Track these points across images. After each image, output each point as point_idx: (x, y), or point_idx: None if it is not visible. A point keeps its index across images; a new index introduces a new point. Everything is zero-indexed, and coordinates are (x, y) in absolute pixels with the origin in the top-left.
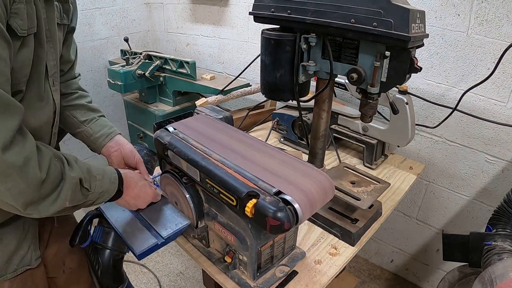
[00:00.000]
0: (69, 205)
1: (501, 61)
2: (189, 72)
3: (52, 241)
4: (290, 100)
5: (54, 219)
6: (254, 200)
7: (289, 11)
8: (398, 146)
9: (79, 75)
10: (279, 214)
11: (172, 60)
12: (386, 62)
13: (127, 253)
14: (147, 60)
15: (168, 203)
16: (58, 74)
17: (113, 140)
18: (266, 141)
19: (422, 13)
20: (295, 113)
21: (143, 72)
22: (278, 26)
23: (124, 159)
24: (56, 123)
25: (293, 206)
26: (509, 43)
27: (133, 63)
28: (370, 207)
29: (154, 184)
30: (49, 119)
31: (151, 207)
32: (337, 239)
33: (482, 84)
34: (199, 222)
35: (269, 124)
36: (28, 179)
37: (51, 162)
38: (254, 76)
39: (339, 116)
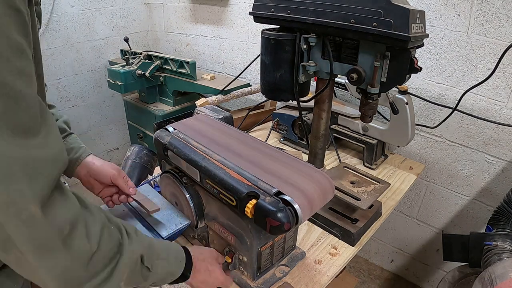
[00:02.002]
0: (124, 287)
1: (501, 61)
2: (189, 72)
3: None
4: (290, 100)
5: None
6: (254, 201)
7: (289, 11)
8: (398, 146)
9: (46, 85)
10: (279, 215)
11: (172, 60)
12: (386, 62)
13: None
14: (147, 60)
15: (168, 203)
16: (42, 76)
17: (82, 164)
18: (266, 141)
19: (422, 13)
20: (295, 113)
21: (143, 72)
22: (278, 26)
23: (97, 180)
24: None
25: (293, 207)
26: (509, 43)
27: (133, 63)
28: (370, 207)
29: (154, 184)
30: None
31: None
32: (337, 239)
33: (482, 84)
34: (199, 222)
35: (269, 124)
36: (75, 253)
37: (104, 229)
38: (254, 76)
39: (339, 116)
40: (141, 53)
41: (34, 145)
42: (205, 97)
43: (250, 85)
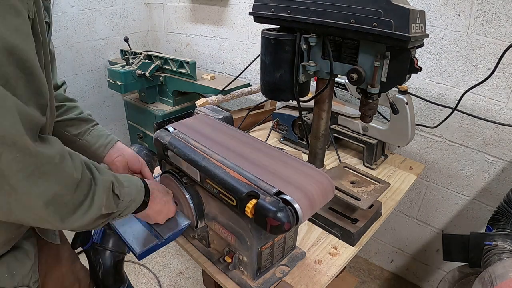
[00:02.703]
0: (105, 211)
1: (501, 61)
2: (189, 72)
3: (50, 268)
4: (290, 100)
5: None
6: (254, 200)
7: (289, 11)
8: (398, 146)
9: (64, 83)
10: (279, 214)
11: (172, 60)
12: (386, 62)
13: (127, 254)
14: (147, 60)
15: None
16: (50, 75)
17: (114, 148)
18: (266, 141)
19: (422, 13)
20: (295, 113)
21: (143, 72)
22: (278, 26)
23: (128, 164)
24: (50, 132)
25: (293, 206)
26: (509, 43)
27: (133, 63)
28: (370, 207)
29: None
30: (46, 126)
31: None
32: (337, 239)
33: (482, 84)
34: (199, 222)
35: (269, 124)
36: (64, 179)
37: (82, 164)
38: (254, 76)
39: (339, 116)
40: (141, 53)
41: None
42: (205, 97)
43: (250, 85)
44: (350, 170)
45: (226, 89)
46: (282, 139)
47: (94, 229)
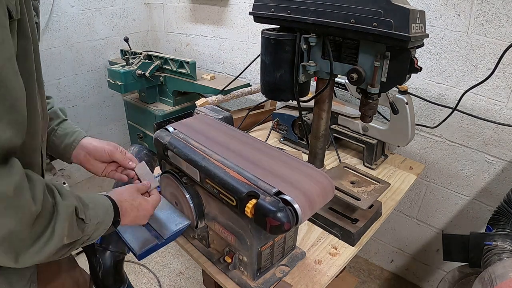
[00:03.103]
0: (67, 241)
1: (501, 61)
2: (189, 72)
3: (50, 277)
4: (290, 100)
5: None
6: (254, 201)
7: (289, 11)
8: (398, 146)
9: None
10: (279, 214)
11: (172, 60)
12: (386, 62)
13: (127, 254)
14: (147, 60)
15: (168, 203)
16: (41, 77)
17: (78, 147)
18: (266, 141)
19: (422, 13)
20: (295, 113)
21: (143, 72)
22: (278, 26)
23: (96, 159)
24: (44, 135)
25: (293, 206)
26: (509, 43)
27: (133, 63)
28: (370, 207)
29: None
30: (35, 131)
31: None
32: (337, 239)
33: (482, 84)
34: (199, 222)
35: (269, 124)
36: (20, 215)
37: (44, 191)
38: (254, 76)
39: (339, 116)
40: (141, 53)
41: None
42: (205, 97)
43: (250, 85)
44: (350, 170)
45: (226, 89)
46: (282, 139)
47: (51, 259)
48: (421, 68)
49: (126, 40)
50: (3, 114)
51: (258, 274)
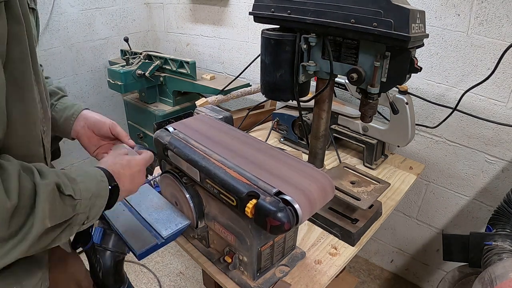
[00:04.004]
0: (50, 223)
1: (501, 61)
2: (189, 72)
3: (58, 276)
4: (290, 100)
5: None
6: (254, 201)
7: (289, 11)
8: (398, 146)
9: (41, 65)
10: (279, 215)
11: (172, 60)
12: (386, 62)
13: (127, 254)
14: (147, 60)
15: (168, 203)
16: (37, 62)
17: (78, 118)
18: (266, 141)
19: (422, 13)
20: (295, 113)
21: (143, 72)
22: (278, 26)
23: (94, 132)
24: (45, 125)
25: (293, 206)
26: (509, 43)
27: (133, 63)
28: (370, 207)
29: (154, 184)
30: (33, 121)
31: (151, 206)
32: (337, 239)
33: (482, 84)
34: (199, 222)
35: (269, 124)
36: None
37: (20, 178)
38: (254, 76)
39: (339, 116)
40: (141, 53)
41: None
42: (205, 97)
43: (250, 85)
44: (350, 170)
45: (226, 89)
46: (282, 139)
47: (50, 246)
48: (421, 68)
49: (126, 40)
50: None
51: (258, 274)
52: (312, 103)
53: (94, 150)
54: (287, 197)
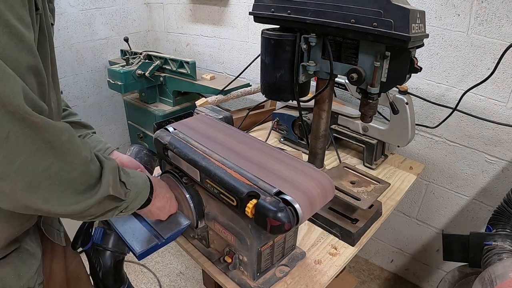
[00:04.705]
0: (112, 192)
1: (501, 61)
2: (189, 72)
3: (54, 269)
4: (290, 100)
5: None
6: (254, 201)
7: (289, 11)
8: (398, 146)
9: (62, 92)
10: (280, 215)
11: (172, 60)
12: (386, 62)
13: (127, 254)
14: (147, 60)
15: None
16: (57, 72)
17: (111, 155)
18: (266, 141)
19: (422, 13)
20: (295, 113)
21: (143, 72)
22: (278, 26)
23: None
24: None
25: (293, 206)
26: (509, 43)
27: (133, 63)
28: (370, 207)
29: None
30: None
31: None
32: (337, 239)
33: (482, 84)
34: (199, 222)
35: (269, 124)
36: (80, 150)
37: (91, 152)
38: (254, 76)
39: (339, 116)
40: (141, 53)
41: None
42: (205, 97)
43: (250, 85)
44: (350, 170)
45: (226, 89)
46: (282, 139)
47: (99, 218)
48: (421, 68)
49: (126, 40)
50: (36, 87)
51: (258, 274)
52: (312, 103)
53: None
54: (287, 197)
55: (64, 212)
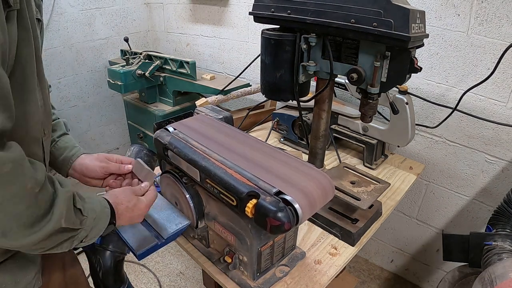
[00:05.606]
0: (65, 224)
1: (501, 61)
2: (189, 72)
3: (53, 274)
4: (290, 100)
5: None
6: (254, 200)
7: (289, 11)
8: (398, 146)
9: (50, 86)
10: (280, 214)
11: (172, 60)
12: (386, 62)
13: (127, 254)
14: (147, 60)
15: (168, 203)
16: (43, 71)
17: (72, 167)
18: (266, 141)
19: (422, 13)
20: (295, 113)
21: (143, 72)
22: (278, 26)
23: (92, 178)
24: (46, 129)
25: (293, 206)
26: (509, 43)
27: (133, 63)
28: (370, 207)
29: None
30: (36, 121)
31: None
32: (337, 239)
33: (482, 84)
34: (199, 222)
35: (269, 124)
36: (19, 187)
37: (45, 177)
38: (254, 76)
39: (339, 116)
40: (141, 53)
41: None
42: (205, 97)
43: (250, 85)
44: (350, 170)
45: (226, 89)
46: (282, 139)
47: (51, 251)
48: (421, 68)
49: (126, 40)
50: None
51: (258, 274)
52: (312, 103)
53: (101, 185)
54: (287, 197)
55: (22, 245)
